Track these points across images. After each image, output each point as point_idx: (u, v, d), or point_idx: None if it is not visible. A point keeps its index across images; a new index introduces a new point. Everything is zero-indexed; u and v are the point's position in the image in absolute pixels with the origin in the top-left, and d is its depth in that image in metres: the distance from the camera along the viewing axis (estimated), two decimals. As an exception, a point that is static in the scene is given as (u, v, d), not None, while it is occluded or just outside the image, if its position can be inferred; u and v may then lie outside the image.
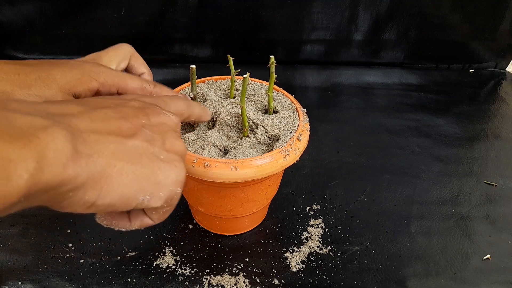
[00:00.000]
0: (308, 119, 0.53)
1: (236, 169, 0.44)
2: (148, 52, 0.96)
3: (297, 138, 0.48)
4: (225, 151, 0.49)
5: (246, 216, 0.56)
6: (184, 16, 0.91)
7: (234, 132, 0.51)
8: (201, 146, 0.48)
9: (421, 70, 1.03)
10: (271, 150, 0.47)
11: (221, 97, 0.55)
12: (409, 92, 0.96)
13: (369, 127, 0.84)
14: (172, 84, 0.61)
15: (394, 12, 0.94)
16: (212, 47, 0.96)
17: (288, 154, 0.46)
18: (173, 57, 0.97)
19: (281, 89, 0.58)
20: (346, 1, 0.91)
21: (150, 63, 0.50)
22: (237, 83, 0.58)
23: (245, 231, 0.60)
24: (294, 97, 0.56)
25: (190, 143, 0.48)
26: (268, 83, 0.55)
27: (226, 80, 0.60)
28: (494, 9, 0.97)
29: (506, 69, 1.07)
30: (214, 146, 0.48)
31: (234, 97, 0.54)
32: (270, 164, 0.45)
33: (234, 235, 0.59)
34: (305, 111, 0.54)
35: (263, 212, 0.62)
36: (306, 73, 0.98)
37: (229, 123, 0.51)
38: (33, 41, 0.93)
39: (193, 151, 0.47)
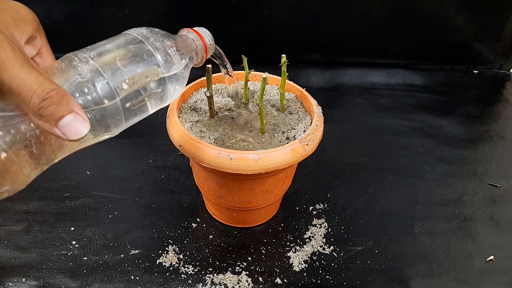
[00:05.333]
0: (321, 111, 0.54)
1: (260, 160, 0.46)
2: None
3: (314, 129, 0.50)
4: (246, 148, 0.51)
5: (263, 207, 0.57)
6: (189, 15, 0.91)
7: (252, 130, 0.53)
8: (224, 144, 0.50)
9: (425, 71, 1.03)
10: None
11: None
12: (413, 93, 0.96)
13: (372, 128, 0.84)
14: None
15: (399, 13, 0.94)
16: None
17: (307, 144, 0.48)
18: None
19: (291, 83, 0.59)
20: (350, 1, 0.91)
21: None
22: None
23: (261, 222, 0.61)
24: (305, 90, 0.58)
25: (213, 141, 0.50)
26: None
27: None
28: (499, 10, 0.96)
29: (511, 71, 1.07)
30: (235, 141, 0.51)
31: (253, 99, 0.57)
32: (292, 154, 0.47)
33: (240, 231, 0.60)
34: (317, 103, 0.55)
35: (278, 204, 0.63)
36: (310, 73, 0.98)
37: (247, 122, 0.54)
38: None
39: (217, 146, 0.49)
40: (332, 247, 0.58)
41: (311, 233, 0.60)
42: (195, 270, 0.54)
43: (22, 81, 0.26)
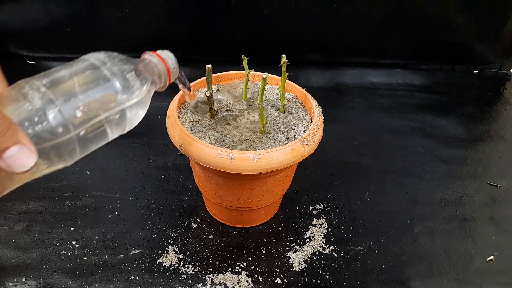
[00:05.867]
0: (321, 111, 0.54)
1: (260, 160, 0.46)
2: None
3: (314, 129, 0.50)
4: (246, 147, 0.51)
5: (263, 207, 0.57)
6: (189, 15, 0.91)
7: (251, 131, 0.53)
8: (224, 144, 0.50)
9: (425, 71, 1.03)
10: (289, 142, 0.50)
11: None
12: (413, 93, 0.96)
13: (372, 128, 0.84)
14: (175, 84, 0.62)
15: (399, 13, 0.94)
16: (216, 47, 0.96)
17: (307, 144, 0.48)
18: (177, 56, 0.97)
19: (291, 83, 0.59)
20: (350, 1, 0.91)
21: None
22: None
23: (261, 222, 0.61)
24: (305, 90, 0.58)
25: (213, 141, 0.50)
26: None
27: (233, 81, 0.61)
28: (499, 10, 0.96)
29: (511, 71, 1.07)
30: (235, 142, 0.50)
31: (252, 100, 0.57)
32: (292, 154, 0.47)
33: (239, 231, 0.60)
34: (317, 103, 0.55)
35: (278, 204, 0.63)
36: (310, 73, 0.98)
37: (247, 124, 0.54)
38: (38, 39, 0.94)
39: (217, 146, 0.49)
40: (332, 247, 0.58)
41: (311, 233, 0.60)
42: (195, 270, 0.54)
43: None
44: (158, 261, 0.55)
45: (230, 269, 0.55)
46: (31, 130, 0.29)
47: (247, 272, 0.54)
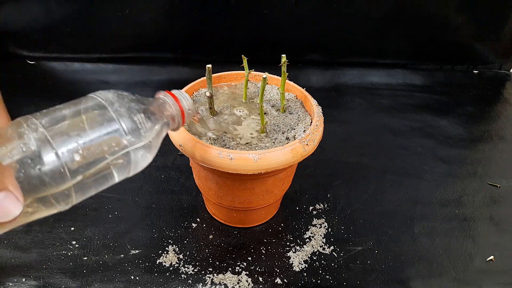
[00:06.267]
0: (321, 111, 0.54)
1: (260, 160, 0.46)
2: (152, 51, 0.97)
3: (314, 129, 0.50)
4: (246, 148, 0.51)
5: (263, 207, 0.57)
6: (189, 15, 0.91)
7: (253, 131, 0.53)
8: (224, 144, 0.50)
9: (425, 71, 1.03)
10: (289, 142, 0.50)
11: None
12: (413, 93, 0.96)
13: (372, 128, 0.84)
14: (176, 83, 0.62)
15: (399, 13, 0.94)
16: (216, 47, 0.96)
17: (307, 144, 0.48)
18: (177, 56, 0.97)
19: (291, 83, 0.59)
20: (350, 1, 0.91)
21: (154, 62, 0.51)
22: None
23: (261, 222, 0.61)
24: (305, 90, 0.58)
25: (213, 141, 0.50)
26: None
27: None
28: (499, 10, 0.96)
29: (511, 71, 1.07)
30: (235, 142, 0.50)
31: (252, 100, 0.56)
32: (292, 154, 0.47)
33: (239, 231, 0.60)
34: (317, 103, 0.55)
35: (278, 204, 0.63)
36: (310, 73, 0.99)
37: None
38: (38, 39, 0.93)
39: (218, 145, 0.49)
40: (332, 247, 0.58)
41: (311, 233, 0.60)
42: (195, 270, 0.54)
43: None
44: (158, 261, 0.55)
45: (230, 269, 0.55)
46: (22, 174, 0.27)
47: (247, 272, 0.54)
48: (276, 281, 0.53)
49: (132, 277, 0.53)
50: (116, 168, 0.33)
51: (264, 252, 0.57)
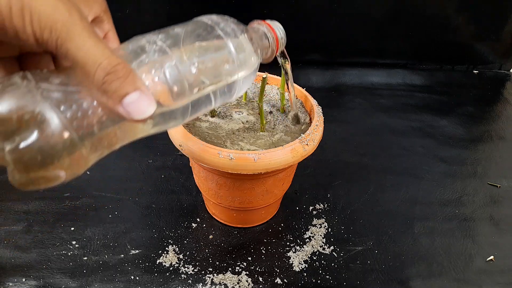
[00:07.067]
0: (321, 111, 0.54)
1: (260, 160, 0.46)
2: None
3: (314, 129, 0.50)
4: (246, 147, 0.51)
5: (263, 207, 0.57)
6: (189, 15, 0.91)
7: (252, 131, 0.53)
8: (224, 144, 0.50)
9: (425, 71, 1.03)
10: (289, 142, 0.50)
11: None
12: (413, 93, 0.96)
13: (373, 128, 0.84)
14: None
15: (399, 13, 0.94)
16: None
17: (307, 144, 0.48)
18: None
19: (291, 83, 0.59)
20: (350, 1, 0.91)
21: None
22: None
23: (261, 222, 0.61)
24: (305, 90, 0.58)
25: (213, 141, 0.50)
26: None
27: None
28: (499, 10, 0.96)
29: (511, 71, 1.07)
30: (235, 141, 0.50)
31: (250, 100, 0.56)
32: (292, 154, 0.47)
33: (239, 231, 0.60)
34: (317, 103, 0.55)
35: (278, 204, 0.63)
36: (310, 73, 0.98)
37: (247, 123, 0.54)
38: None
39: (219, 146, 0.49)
40: (332, 247, 0.58)
41: (311, 233, 0.60)
42: (195, 270, 0.54)
43: (88, 52, 0.24)
44: (158, 261, 0.55)
45: (230, 269, 0.55)
46: (148, 82, 0.28)
47: (247, 272, 0.54)
48: (276, 281, 0.53)
49: (132, 277, 0.53)
50: (225, 88, 0.33)
51: (264, 252, 0.57)
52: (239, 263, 0.55)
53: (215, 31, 0.33)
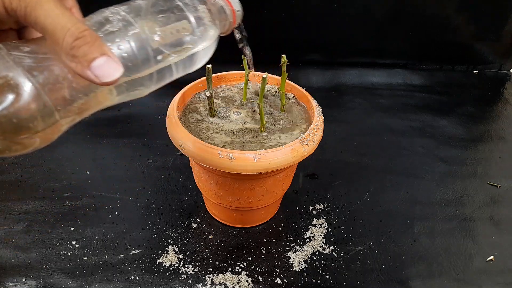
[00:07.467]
0: (321, 111, 0.54)
1: (260, 160, 0.46)
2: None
3: (314, 129, 0.50)
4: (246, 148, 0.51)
5: (263, 207, 0.57)
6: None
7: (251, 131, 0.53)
8: (224, 144, 0.50)
9: (425, 71, 1.03)
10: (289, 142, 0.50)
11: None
12: (413, 93, 0.96)
13: (373, 128, 0.84)
14: (176, 83, 0.61)
15: (399, 13, 0.94)
16: (216, 47, 0.96)
17: (307, 144, 0.48)
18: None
19: (291, 83, 0.59)
20: (350, 1, 0.91)
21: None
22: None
23: (261, 222, 0.61)
24: (305, 90, 0.58)
25: (213, 141, 0.50)
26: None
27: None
28: (499, 10, 0.96)
29: (511, 71, 1.07)
30: (235, 141, 0.50)
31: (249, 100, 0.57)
32: (292, 154, 0.47)
33: (239, 231, 0.60)
34: (317, 103, 0.55)
35: (278, 204, 0.63)
36: (310, 73, 0.98)
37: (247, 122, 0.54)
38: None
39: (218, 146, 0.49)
40: (332, 247, 0.58)
41: (311, 233, 0.60)
42: (195, 270, 0.54)
43: (56, 19, 0.26)
44: (158, 261, 0.55)
45: (230, 269, 0.55)
46: (114, 50, 0.29)
47: (247, 272, 0.54)
48: (276, 281, 0.53)
49: (132, 277, 0.53)
50: (186, 58, 0.35)
51: (264, 252, 0.57)
52: (239, 263, 0.55)
53: (175, 2, 0.34)
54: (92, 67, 0.27)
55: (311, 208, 0.64)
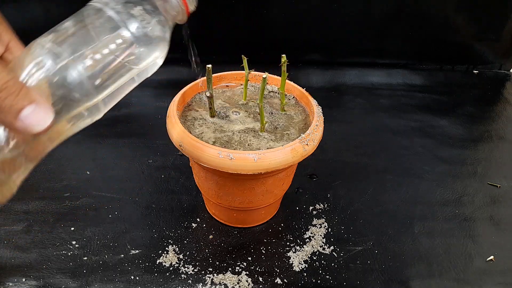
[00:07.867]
0: (321, 111, 0.54)
1: (260, 160, 0.46)
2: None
3: (314, 129, 0.50)
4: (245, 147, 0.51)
5: (263, 207, 0.57)
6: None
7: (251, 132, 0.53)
8: (224, 144, 0.50)
9: (425, 71, 1.03)
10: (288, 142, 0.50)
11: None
12: (413, 93, 0.96)
13: (373, 128, 0.84)
14: (176, 84, 0.62)
15: (399, 13, 0.94)
16: (216, 47, 0.96)
17: (307, 144, 0.48)
18: (177, 56, 0.97)
19: (291, 83, 0.59)
20: (350, 1, 0.91)
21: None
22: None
23: (261, 222, 0.61)
24: (305, 90, 0.58)
25: (213, 141, 0.50)
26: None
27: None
28: (499, 10, 0.96)
29: (511, 71, 1.07)
30: (235, 141, 0.50)
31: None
32: (292, 154, 0.47)
33: (239, 231, 0.60)
34: (317, 103, 0.55)
35: (278, 204, 0.63)
36: (310, 73, 0.98)
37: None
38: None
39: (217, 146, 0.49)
40: (332, 247, 0.58)
41: (311, 233, 0.60)
42: (195, 270, 0.54)
43: None
44: (158, 261, 0.55)
45: (230, 269, 0.55)
46: (45, 90, 0.28)
47: (247, 272, 0.54)
48: (276, 281, 0.53)
49: (132, 277, 0.53)
50: (132, 67, 0.32)
51: (264, 252, 0.57)
52: (239, 263, 0.55)
53: (104, 12, 0.31)
54: (21, 117, 0.25)
55: (311, 208, 0.64)
